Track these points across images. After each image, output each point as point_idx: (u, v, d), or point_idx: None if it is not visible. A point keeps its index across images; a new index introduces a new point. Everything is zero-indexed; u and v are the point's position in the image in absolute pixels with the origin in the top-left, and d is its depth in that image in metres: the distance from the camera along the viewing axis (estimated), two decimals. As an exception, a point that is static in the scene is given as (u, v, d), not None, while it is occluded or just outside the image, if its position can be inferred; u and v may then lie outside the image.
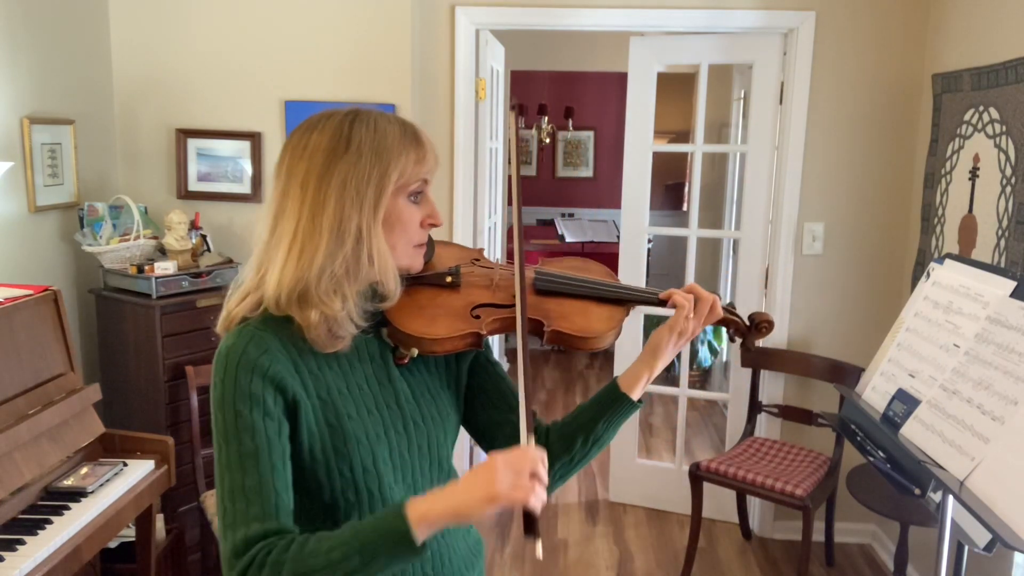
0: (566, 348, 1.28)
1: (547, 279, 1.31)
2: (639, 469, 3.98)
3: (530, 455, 1.03)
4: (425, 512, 1.02)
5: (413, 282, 1.25)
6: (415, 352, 1.22)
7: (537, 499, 1.01)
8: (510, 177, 1.35)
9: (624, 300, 1.32)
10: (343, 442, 1.15)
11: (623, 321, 1.30)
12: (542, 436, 1.34)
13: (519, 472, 1.01)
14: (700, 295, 1.28)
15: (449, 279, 1.27)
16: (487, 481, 1.01)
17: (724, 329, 1.37)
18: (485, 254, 1.41)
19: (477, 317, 1.23)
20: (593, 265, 1.40)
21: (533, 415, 1.33)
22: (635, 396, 1.30)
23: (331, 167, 1.14)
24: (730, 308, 1.36)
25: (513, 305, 1.25)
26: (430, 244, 1.28)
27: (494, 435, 1.35)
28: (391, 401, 1.22)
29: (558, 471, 1.32)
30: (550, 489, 1.32)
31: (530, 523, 1.02)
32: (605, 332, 1.26)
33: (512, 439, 1.25)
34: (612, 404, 1.30)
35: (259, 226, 1.19)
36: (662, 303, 1.30)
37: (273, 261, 1.14)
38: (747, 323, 1.35)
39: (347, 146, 1.15)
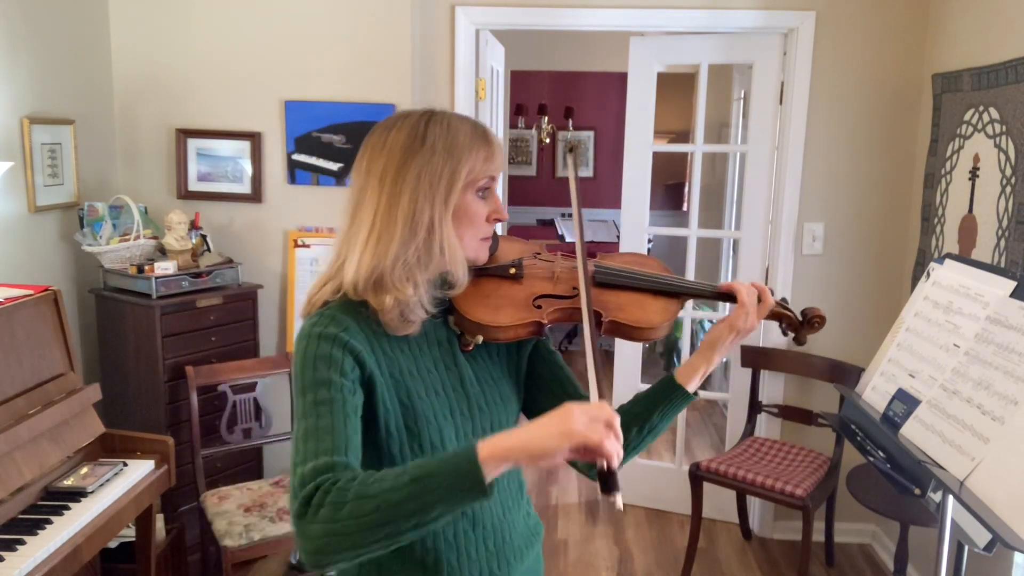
0: (622, 339, 1.34)
1: (606, 272, 1.38)
2: (639, 469, 3.98)
3: (606, 407, 1.04)
4: (496, 446, 1.02)
5: (479, 273, 1.32)
6: (480, 339, 1.29)
7: (612, 445, 1.01)
8: (574, 196, 1.43)
9: (679, 293, 1.38)
10: (414, 420, 1.22)
11: (678, 313, 1.36)
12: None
13: (595, 418, 1.01)
14: (761, 292, 1.34)
15: (513, 271, 1.34)
16: (563, 419, 1.01)
17: (776, 323, 1.42)
18: None
19: (539, 307, 1.31)
20: (650, 260, 1.47)
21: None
22: (691, 388, 1.35)
23: (407, 163, 1.21)
24: (783, 303, 1.41)
25: (572, 296, 1.32)
26: (495, 238, 1.34)
27: None
28: (457, 384, 1.29)
29: None
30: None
31: (608, 478, 1.03)
32: (660, 323, 1.33)
33: None
34: (668, 395, 1.35)
35: (340, 217, 1.27)
36: (721, 297, 1.37)
37: (352, 249, 1.22)
38: (800, 318, 1.41)
39: (422, 144, 1.21)
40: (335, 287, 1.24)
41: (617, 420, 1.03)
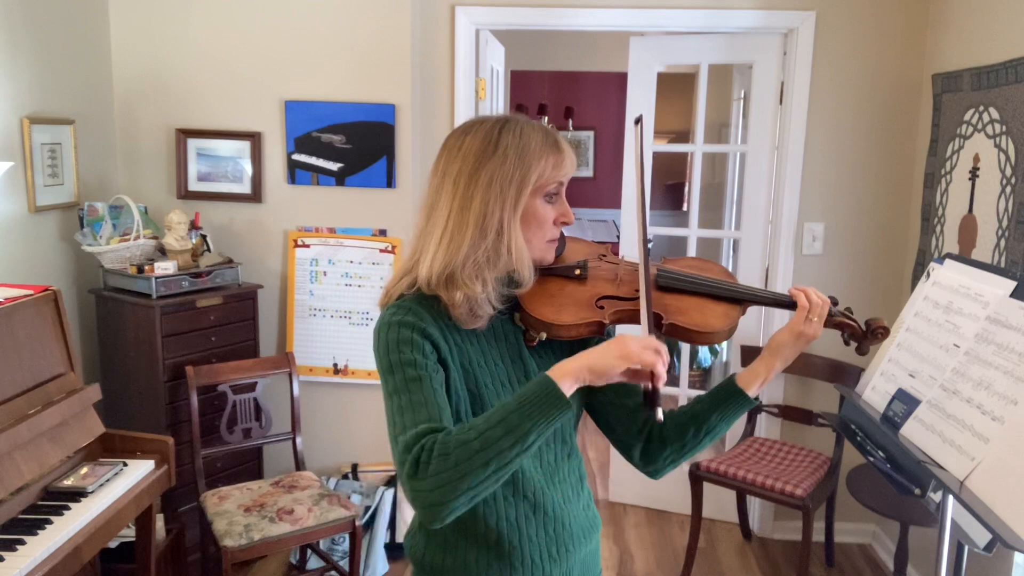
0: (682, 341, 1.36)
1: (669, 276, 1.41)
2: (639, 469, 3.97)
3: (655, 339, 1.18)
4: (566, 369, 1.17)
5: (545, 273, 1.38)
6: (543, 336, 1.35)
7: (661, 367, 1.16)
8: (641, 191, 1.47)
9: (741, 299, 1.40)
10: (481, 408, 1.30)
11: (739, 319, 1.39)
12: (656, 423, 1.43)
13: (646, 345, 1.17)
14: (811, 298, 1.38)
15: (577, 272, 1.39)
16: (620, 344, 1.17)
17: (840, 332, 1.43)
18: None
19: (601, 307, 1.35)
20: (713, 266, 1.49)
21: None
22: (751, 393, 1.38)
23: (480, 167, 1.28)
24: (848, 312, 1.43)
25: (635, 299, 1.36)
26: (562, 239, 1.40)
27: (608, 415, 1.47)
28: (522, 377, 1.36)
29: (669, 455, 1.43)
30: (660, 473, 1.46)
31: (652, 395, 1.17)
32: (720, 328, 1.35)
33: (625, 417, 1.45)
34: (728, 399, 1.39)
35: (417, 216, 1.36)
36: (779, 304, 1.40)
37: (427, 247, 1.30)
38: (863, 328, 1.42)
39: (495, 149, 1.28)
40: (410, 281, 1.32)
41: (664, 348, 1.17)
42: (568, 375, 1.16)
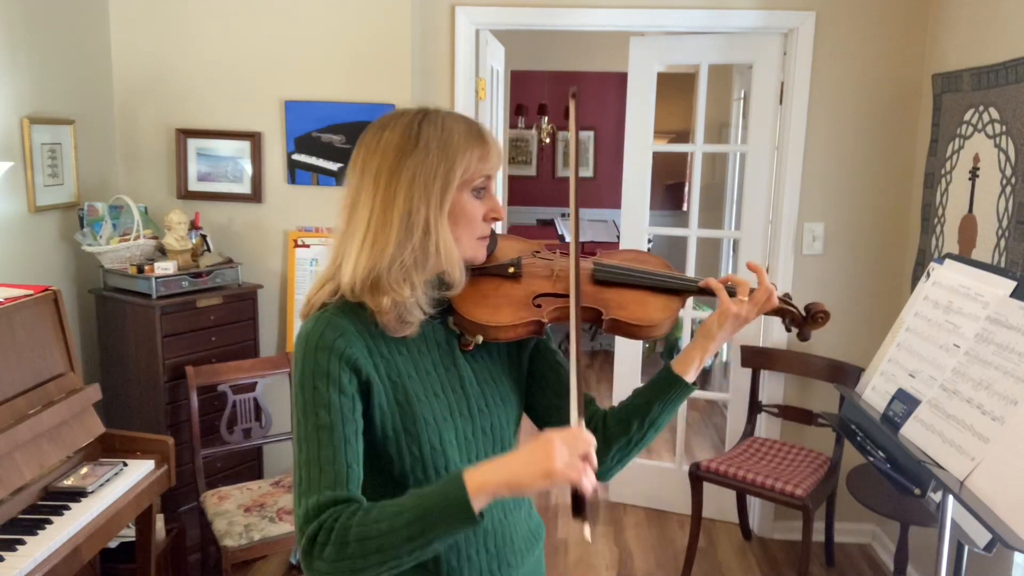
0: (624, 336, 1.35)
1: (605, 270, 1.37)
2: (639, 469, 3.98)
3: (583, 437, 1.07)
4: (483, 483, 1.07)
5: (477, 272, 1.31)
6: (479, 339, 1.28)
7: (588, 481, 1.05)
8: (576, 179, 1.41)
9: (680, 290, 1.37)
10: (412, 421, 1.21)
11: (679, 310, 1.35)
12: (599, 420, 1.38)
13: (573, 452, 1.05)
14: (736, 281, 1.34)
15: (511, 270, 1.33)
16: (544, 457, 1.05)
17: (780, 319, 1.41)
18: None
19: (538, 306, 1.30)
20: (650, 257, 1.45)
21: (589, 401, 1.38)
22: (689, 379, 1.34)
23: (401, 163, 1.20)
24: (786, 298, 1.40)
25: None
26: (493, 237, 1.33)
27: (550, 417, 1.40)
28: (456, 385, 1.28)
29: (616, 454, 1.36)
30: (609, 473, 1.38)
31: (579, 505, 1.06)
32: (661, 321, 1.32)
33: (563, 423, 1.30)
34: (666, 387, 1.34)
35: (336, 218, 1.26)
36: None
37: (348, 251, 1.21)
38: (803, 313, 1.39)
39: (416, 143, 1.20)
40: (333, 288, 1.23)
41: (593, 448, 1.07)
42: (484, 490, 1.06)
